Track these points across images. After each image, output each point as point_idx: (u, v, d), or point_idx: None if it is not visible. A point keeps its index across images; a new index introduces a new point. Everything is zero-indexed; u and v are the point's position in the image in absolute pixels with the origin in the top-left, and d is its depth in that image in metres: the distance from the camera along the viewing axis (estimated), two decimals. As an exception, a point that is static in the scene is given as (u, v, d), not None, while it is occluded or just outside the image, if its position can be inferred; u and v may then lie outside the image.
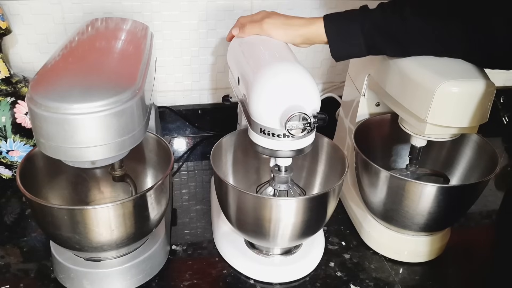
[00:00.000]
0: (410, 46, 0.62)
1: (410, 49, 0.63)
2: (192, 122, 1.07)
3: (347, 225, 0.81)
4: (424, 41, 0.61)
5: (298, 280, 0.69)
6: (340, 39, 0.64)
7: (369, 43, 0.63)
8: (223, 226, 0.75)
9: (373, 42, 0.63)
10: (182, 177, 0.94)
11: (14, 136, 0.80)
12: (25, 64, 0.94)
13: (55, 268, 0.67)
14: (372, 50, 0.64)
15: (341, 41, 0.64)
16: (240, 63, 0.66)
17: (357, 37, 0.63)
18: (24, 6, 0.88)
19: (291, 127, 0.53)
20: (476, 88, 0.58)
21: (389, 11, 0.61)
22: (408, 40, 0.62)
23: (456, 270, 0.73)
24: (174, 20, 0.95)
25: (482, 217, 0.85)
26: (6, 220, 0.80)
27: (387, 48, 0.64)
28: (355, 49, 0.64)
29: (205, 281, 0.68)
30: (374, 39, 0.63)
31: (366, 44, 0.63)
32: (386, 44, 0.63)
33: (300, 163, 0.76)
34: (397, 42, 0.62)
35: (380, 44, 0.63)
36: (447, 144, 0.78)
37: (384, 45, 0.63)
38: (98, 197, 0.76)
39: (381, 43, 0.63)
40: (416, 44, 0.62)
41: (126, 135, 0.53)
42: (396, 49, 0.64)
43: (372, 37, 0.62)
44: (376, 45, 0.63)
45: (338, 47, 0.65)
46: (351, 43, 0.64)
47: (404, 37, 0.61)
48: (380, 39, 0.62)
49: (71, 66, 0.56)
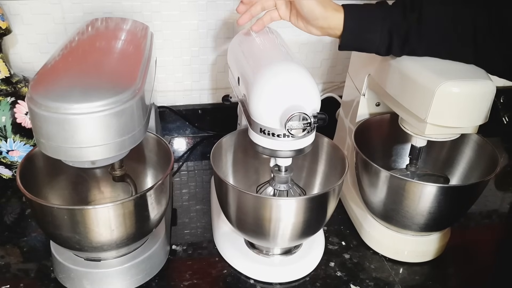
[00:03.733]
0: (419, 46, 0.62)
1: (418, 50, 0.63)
2: (192, 122, 1.08)
3: (347, 225, 0.81)
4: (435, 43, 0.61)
5: (298, 280, 0.69)
6: (357, 31, 0.63)
7: (385, 42, 0.62)
8: (223, 226, 0.75)
9: (390, 42, 0.62)
10: (182, 177, 0.94)
11: (14, 136, 0.80)
12: (25, 64, 0.94)
13: (55, 268, 0.67)
14: (384, 49, 0.63)
15: (358, 33, 0.63)
16: (240, 63, 0.66)
17: (375, 33, 0.62)
18: (24, 6, 0.88)
19: (291, 127, 0.53)
20: (476, 88, 0.58)
21: (408, 12, 0.61)
22: (419, 41, 0.62)
23: (456, 270, 0.73)
24: (174, 20, 0.95)
25: (482, 217, 0.85)
26: (6, 220, 0.80)
27: (401, 50, 0.63)
28: (370, 45, 0.63)
29: (205, 281, 0.68)
30: (391, 40, 0.62)
31: (382, 43, 0.62)
32: (401, 46, 0.62)
33: (300, 163, 0.76)
34: (410, 45, 0.62)
35: (396, 45, 0.63)
36: (447, 144, 0.78)
37: (398, 46, 0.63)
38: (98, 197, 0.76)
39: (397, 45, 0.62)
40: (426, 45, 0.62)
41: (126, 135, 0.53)
42: (403, 49, 0.63)
43: (390, 37, 0.62)
44: (391, 46, 0.63)
45: (353, 38, 0.63)
46: (367, 38, 0.63)
47: (418, 41, 0.61)
48: (397, 40, 0.62)
49: (71, 66, 0.56)
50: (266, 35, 0.70)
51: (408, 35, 0.61)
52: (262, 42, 0.67)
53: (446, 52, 0.62)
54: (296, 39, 1.01)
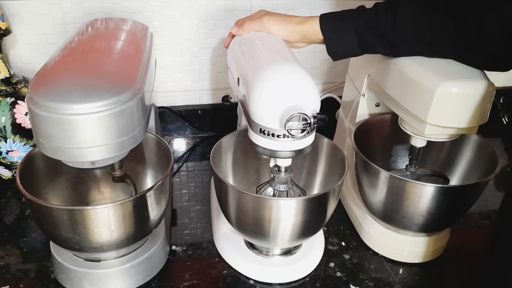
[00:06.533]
0: (400, 47, 0.64)
1: (401, 50, 0.64)
2: (192, 122, 1.08)
3: (347, 226, 0.81)
4: (413, 43, 0.62)
5: (298, 281, 0.69)
6: (335, 38, 0.65)
7: (362, 43, 0.64)
8: (223, 227, 0.75)
9: (366, 42, 0.64)
10: (182, 177, 0.94)
11: (14, 136, 0.80)
12: (25, 65, 0.94)
13: (55, 269, 0.67)
14: (365, 49, 0.66)
15: (336, 40, 0.65)
16: (240, 63, 0.66)
17: (350, 36, 0.64)
18: (24, 6, 0.88)
19: (291, 128, 0.53)
20: (476, 88, 0.58)
21: (381, 12, 0.62)
22: (398, 41, 0.63)
23: (456, 270, 0.73)
24: (174, 20, 0.95)
25: (482, 217, 0.85)
26: (6, 221, 0.80)
27: (379, 48, 0.65)
28: (349, 48, 0.65)
29: (205, 281, 0.68)
30: (367, 39, 0.64)
31: (360, 44, 0.64)
32: (378, 44, 0.64)
33: (300, 163, 0.76)
34: (388, 43, 0.63)
35: (372, 44, 0.64)
36: (447, 144, 0.78)
37: (376, 45, 0.64)
38: (98, 198, 0.76)
39: (373, 43, 0.64)
40: (406, 45, 0.63)
41: (126, 136, 0.53)
42: (388, 50, 0.65)
43: (365, 36, 0.63)
44: (369, 44, 0.64)
45: (333, 45, 0.66)
46: (344, 42, 0.65)
47: (395, 38, 0.62)
48: (372, 39, 0.63)
49: (71, 67, 0.56)
50: (266, 35, 0.70)
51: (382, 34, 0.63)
52: (262, 42, 0.67)
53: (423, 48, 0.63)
54: (296, 39, 1.01)
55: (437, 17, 0.59)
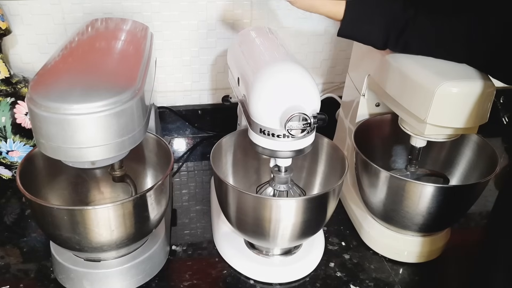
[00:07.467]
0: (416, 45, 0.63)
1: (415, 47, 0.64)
2: (192, 122, 1.08)
3: (347, 225, 0.81)
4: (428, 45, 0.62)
5: (298, 281, 0.69)
6: (356, 21, 0.63)
7: (382, 35, 0.63)
8: (223, 227, 0.75)
9: (387, 35, 0.63)
10: (182, 177, 0.94)
11: (14, 136, 0.80)
12: (25, 65, 0.94)
13: (55, 269, 0.67)
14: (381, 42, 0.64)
15: (356, 23, 0.63)
16: (240, 63, 0.66)
17: (373, 25, 0.63)
18: (24, 6, 0.88)
19: (291, 128, 0.53)
20: (476, 88, 0.58)
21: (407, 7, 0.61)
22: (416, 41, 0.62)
23: (456, 270, 0.73)
24: (174, 20, 0.95)
25: (482, 217, 0.85)
26: (6, 220, 0.80)
27: (396, 43, 0.64)
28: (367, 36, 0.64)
29: (205, 281, 0.68)
30: (388, 33, 0.63)
31: (380, 35, 0.63)
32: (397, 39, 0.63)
33: (300, 163, 0.76)
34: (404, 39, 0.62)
35: (392, 38, 0.63)
36: (447, 144, 0.78)
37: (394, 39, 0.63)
38: (98, 198, 0.76)
39: (393, 38, 0.63)
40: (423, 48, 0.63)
41: (126, 136, 0.53)
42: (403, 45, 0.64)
43: (387, 30, 0.62)
44: (388, 39, 0.63)
45: (352, 27, 0.64)
46: (365, 29, 0.63)
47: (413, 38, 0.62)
48: (393, 33, 0.62)
49: (71, 67, 0.56)
50: (266, 35, 0.70)
51: (404, 29, 0.62)
52: (262, 42, 0.67)
53: (439, 49, 0.62)
54: (296, 39, 1.01)
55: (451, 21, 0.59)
